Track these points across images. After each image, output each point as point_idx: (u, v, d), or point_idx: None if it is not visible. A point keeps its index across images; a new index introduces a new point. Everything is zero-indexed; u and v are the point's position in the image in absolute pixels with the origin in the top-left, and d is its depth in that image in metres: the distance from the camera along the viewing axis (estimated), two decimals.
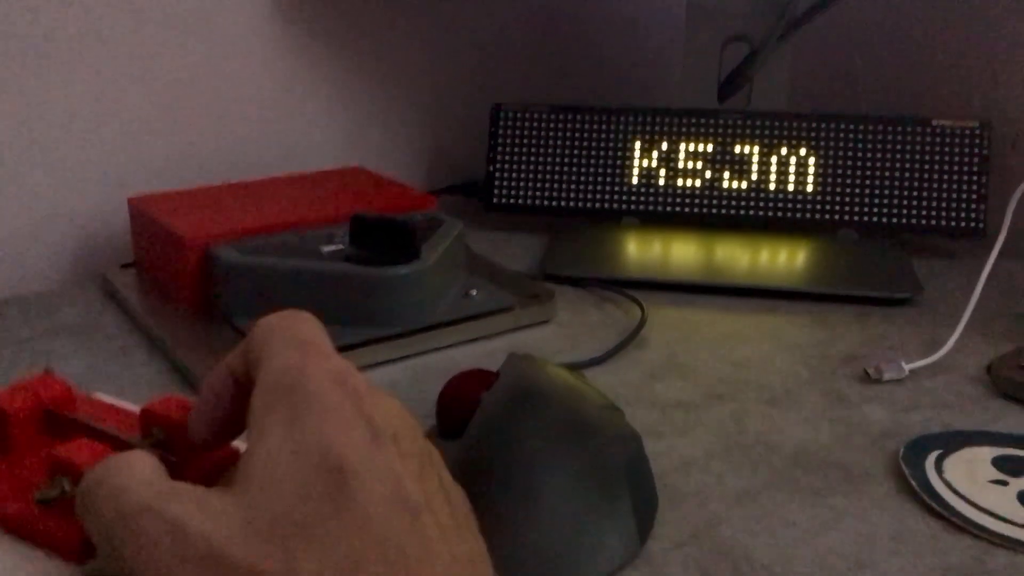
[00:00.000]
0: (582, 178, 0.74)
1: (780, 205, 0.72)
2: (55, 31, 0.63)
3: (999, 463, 0.43)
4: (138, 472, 0.27)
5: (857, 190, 0.70)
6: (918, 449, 0.44)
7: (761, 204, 0.72)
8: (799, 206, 0.71)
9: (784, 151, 0.72)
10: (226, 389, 0.31)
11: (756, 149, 0.72)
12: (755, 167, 0.72)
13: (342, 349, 0.50)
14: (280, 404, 0.27)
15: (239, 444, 0.35)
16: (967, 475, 0.42)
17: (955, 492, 0.41)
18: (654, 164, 0.73)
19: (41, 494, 0.31)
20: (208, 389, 0.31)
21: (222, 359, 0.31)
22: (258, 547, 0.24)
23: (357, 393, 0.28)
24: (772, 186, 0.72)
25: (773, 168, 0.72)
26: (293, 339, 0.29)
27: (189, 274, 0.55)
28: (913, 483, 0.41)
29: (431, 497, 0.27)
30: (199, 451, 0.33)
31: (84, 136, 0.66)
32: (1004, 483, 0.41)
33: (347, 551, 0.24)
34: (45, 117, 0.64)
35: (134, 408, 0.39)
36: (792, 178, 0.71)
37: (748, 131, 0.72)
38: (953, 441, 0.45)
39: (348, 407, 0.27)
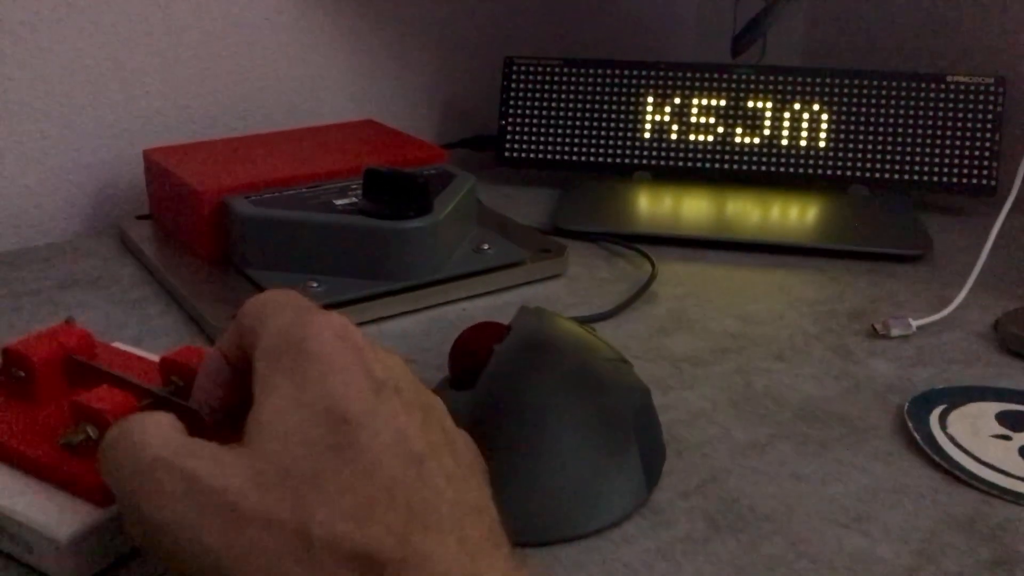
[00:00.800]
0: (594, 132, 0.74)
1: (792, 161, 0.71)
2: None
3: (1003, 418, 0.43)
4: (154, 430, 0.28)
5: (869, 146, 0.70)
6: (923, 404, 0.44)
7: (773, 160, 0.72)
8: (811, 162, 0.71)
9: (797, 106, 0.71)
10: (221, 371, 0.31)
11: (769, 104, 0.72)
12: (768, 122, 0.72)
13: (355, 302, 0.51)
14: (284, 360, 0.28)
15: None
16: (970, 430, 0.42)
17: (958, 446, 0.41)
18: (666, 119, 0.73)
19: (66, 439, 0.32)
20: (202, 374, 0.32)
21: (223, 332, 0.32)
22: (271, 497, 0.25)
23: (358, 347, 0.28)
24: (784, 142, 0.72)
25: (786, 123, 0.72)
26: (287, 304, 0.30)
27: (204, 226, 0.55)
28: (917, 437, 0.42)
29: (435, 446, 0.27)
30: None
31: (98, 89, 0.66)
32: (1007, 438, 0.42)
33: (356, 499, 0.25)
34: (59, 70, 0.64)
35: (153, 357, 0.40)
36: (804, 134, 0.71)
37: (761, 86, 0.72)
38: (958, 396, 0.45)
39: (350, 361, 0.28)
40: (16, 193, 0.64)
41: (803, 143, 0.71)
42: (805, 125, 0.71)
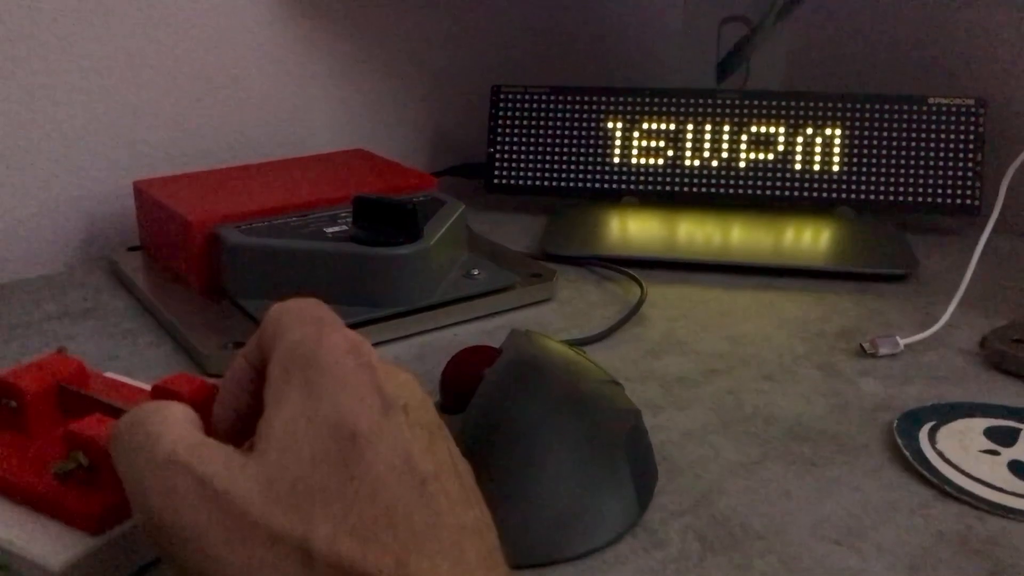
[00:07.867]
0: (582, 158, 0.75)
1: (779, 184, 0.72)
2: (58, 14, 0.63)
3: (991, 433, 0.44)
4: (173, 422, 0.28)
5: (854, 168, 0.71)
6: (912, 421, 0.45)
7: (759, 183, 0.72)
8: (797, 184, 0.72)
9: (782, 130, 0.72)
10: (245, 378, 0.31)
11: (754, 128, 0.73)
12: (753, 146, 0.73)
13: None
14: (296, 374, 0.28)
15: None
16: (960, 445, 0.43)
17: (947, 462, 0.41)
18: (653, 144, 0.74)
19: (58, 467, 0.32)
20: (228, 379, 0.32)
21: (238, 349, 0.32)
22: (277, 509, 0.25)
23: (370, 365, 0.29)
24: (770, 165, 0.72)
25: (771, 147, 0.72)
26: (307, 316, 0.30)
27: (195, 256, 0.56)
28: (907, 453, 0.42)
29: (440, 467, 0.27)
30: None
31: (88, 121, 0.66)
32: (996, 453, 0.42)
33: (359, 517, 0.25)
34: (49, 103, 0.64)
35: (145, 386, 0.40)
36: (790, 156, 0.72)
37: (746, 110, 0.73)
38: (947, 413, 0.46)
39: (362, 378, 0.28)
40: (7, 226, 0.64)
41: (789, 166, 0.72)
42: (790, 148, 0.72)
